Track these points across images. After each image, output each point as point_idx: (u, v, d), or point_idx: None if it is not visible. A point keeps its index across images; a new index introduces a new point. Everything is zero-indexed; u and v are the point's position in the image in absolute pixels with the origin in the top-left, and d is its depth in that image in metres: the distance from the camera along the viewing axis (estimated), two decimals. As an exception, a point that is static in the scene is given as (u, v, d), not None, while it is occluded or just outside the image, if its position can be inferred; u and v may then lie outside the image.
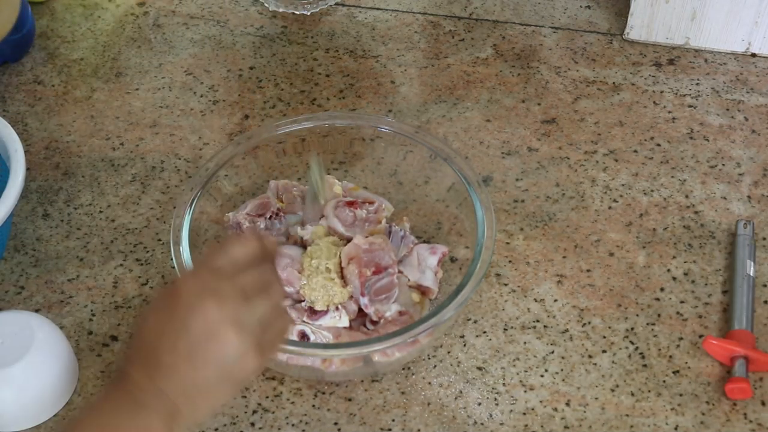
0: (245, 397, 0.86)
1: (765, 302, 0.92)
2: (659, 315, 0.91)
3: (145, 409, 0.67)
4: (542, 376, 0.87)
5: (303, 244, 0.90)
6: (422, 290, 0.90)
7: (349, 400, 0.86)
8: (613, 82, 1.13)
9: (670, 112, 1.09)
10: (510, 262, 0.95)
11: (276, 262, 0.76)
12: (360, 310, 0.86)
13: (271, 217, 0.91)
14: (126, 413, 0.68)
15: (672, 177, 1.03)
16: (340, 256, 0.87)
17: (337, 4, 1.23)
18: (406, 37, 1.19)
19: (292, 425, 0.84)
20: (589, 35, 1.19)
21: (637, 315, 0.91)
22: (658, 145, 1.06)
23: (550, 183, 1.02)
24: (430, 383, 0.87)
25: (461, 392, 0.86)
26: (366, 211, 0.92)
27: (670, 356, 0.88)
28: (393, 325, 0.85)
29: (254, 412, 0.85)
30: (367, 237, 0.89)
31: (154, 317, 0.70)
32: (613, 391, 0.86)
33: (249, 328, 0.69)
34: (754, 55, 1.15)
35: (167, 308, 0.70)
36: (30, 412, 0.84)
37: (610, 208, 1.00)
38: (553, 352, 0.89)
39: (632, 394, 0.86)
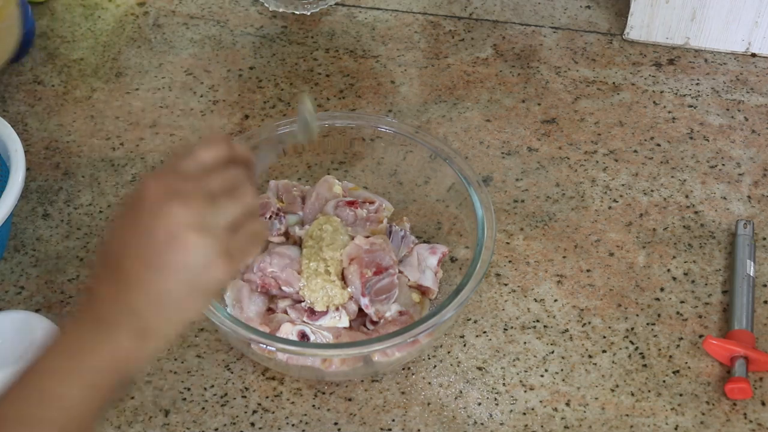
0: (245, 397, 0.86)
1: (765, 302, 0.92)
2: (659, 315, 0.91)
3: (112, 326, 0.64)
4: (542, 376, 0.87)
5: (303, 245, 0.90)
6: (422, 290, 0.90)
7: (349, 400, 0.86)
8: (613, 82, 1.13)
9: (670, 112, 1.09)
10: (510, 262, 0.95)
11: (250, 170, 0.70)
12: (360, 310, 0.86)
13: (271, 217, 0.91)
14: (92, 333, 0.64)
15: (672, 177, 1.03)
16: (340, 256, 0.87)
17: (337, 4, 1.23)
18: (406, 37, 1.19)
19: (292, 425, 0.84)
20: (589, 35, 1.19)
21: (637, 315, 0.91)
22: (658, 145, 1.06)
23: (550, 183, 1.02)
24: (430, 383, 0.87)
25: (461, 392, 0.86)
26: (366, 211, 0.92)
27: (670, 356, 0.88)
28: (393, 325, 0.85)
29: (254, 412, 0.85)
30: (367, 237, 0.89)
31: (118, 226, 0.66)
32: (613, 391, 0.86)
33: (215, 232, 0.65)
34: (754, 55, 1.15)
35: (131, 215, 0.66)
36: (30, 412, 0.84)
37: (610, 208, 1.00)
38: (553, 352, 0.89)
39: (632, 394, 0.86)
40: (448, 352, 0.89)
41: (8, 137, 0.92)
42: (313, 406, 0.85)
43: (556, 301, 0.92)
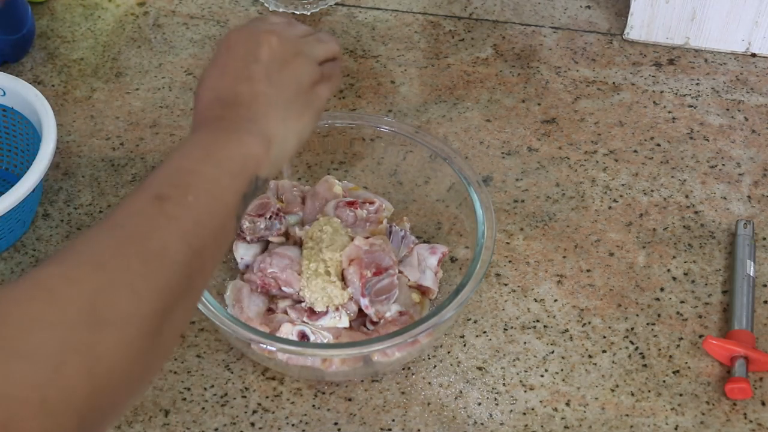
0: (245, 397, 0.86)
1: (765, 302, 0.92)
2: (659, 315, 0.91)
3: (236, 132, 0.67)
4: (542, 376, 0.87)
5: (303, 246, 0.90)
6: (422, 290, 0.90)
7: (349, 400, 0.86)
8: (613, 82, 1.13)
9: (670, 112, 1.09)
10: (510, 262, 0.95)
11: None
12: (360, 310, 0.86)
13: (271, 217, 0.91)
14: (221, 136, 0.67)
15: (672, 177, 1.03)
16: (340, 257, 0.87)
17: (337, 4, 1.23)
18: (406, 37, 1.19)
19: (292, 425, 0.84)
20: (589, 35, 1.19)
21: (637, 315, 0.91)
22: (658, 145, 1.06)
23: (550, 183, 1.02)
24: (430, 383, 0.87)
25: (461, 392, 0.86)
26: (366, 211, 0.92)
27: (670, 356, 0.88)
28: (393, 325, 0.85)
29: (254, 412, 0.85)
30: (367, 237, 0.89)
31: (215, 67, 0.71)
32: (613, 391, 0.86)
33: (313, 58, 0.73)
34: (754, 55, 1.15)
35: (227, 53, 0.71)
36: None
37: (610, 208, 1.00)
38: (553, 352, 0.89)
39: (632, 394, 0.86)
40: (448, 352, 0.89)
41: (40, 105, 0.97)
42: (313, 406, 0.85)
43: (556, 301, 0.92)
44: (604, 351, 0.89)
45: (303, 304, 0.87)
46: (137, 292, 0.55)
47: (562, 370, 0.87)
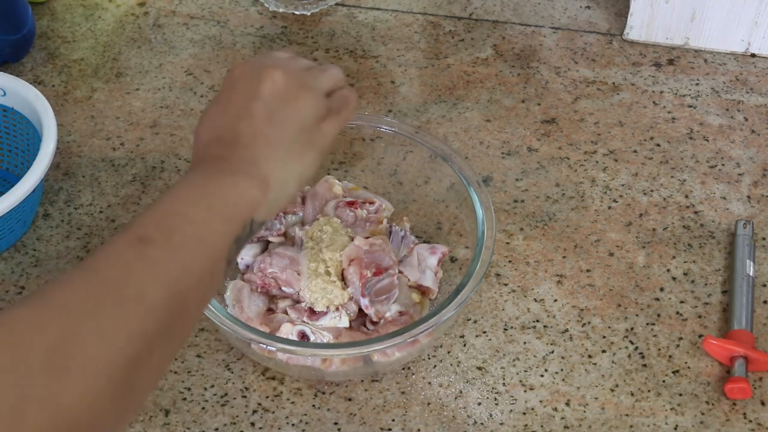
0: (245, 397, 0.86)
1: (764, 302, 0.92)
2: (659, 315, 0.91)
3: (233, 175, 0.65)
4: (542, 376, 0.87)
5: (303, 246, 0.90)
6: (422, 290, 0.90)
7: (349, 400, 0.86)
8: (613, 83, 1.13)
9: (669, 112, 1.09)
10: (510, 262, 0.95)
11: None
12: (360, 310, 0.87)
13: (271, 217, 0.91)
14: (216, 178, 0.64)
15: (672, 177, 1.03)
16: (340, 257, 0.87)
17: (337, 4, 1.23)
18: (406, 37, 1.19)
19: (292, 425, 0.84)
20: (589, 35, 1.19)
21: (637, 315, 0.91)
22: (658, 145, 1.06)
23: (550, 183, 1.02)
24: (430, 383, 0.87)
25: (461, 392, 0.86)
26: (366, 211, 0.92)
27: (670, 356, 0.88)
28: (393, 325, 0.85)
29: (254, 411, 0.85)
30: (367, 237, 0.89)
31: (217, 104, 0.69)
32: (612, 390, 0.86)
33: (319, 92, 0.71)
34: (753, 55, 1.15)
35: (229, 89, 0.69)
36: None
37: (609, 208, 1.00)
38: (552, 352, 0.89)
39: (632, 394, 0.86)
40: (448, 352, 0.89)
41: (40, 105, 0.97)
42: (313, 405, 0.85)
43: (555, 301, 0.92)
44: (603, 351, 0.89)
45: (303, 304, 0.87)
46: (107, 339, 0.52)
47: (561, 370, 0.87)
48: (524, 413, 0.85)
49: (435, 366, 0.88)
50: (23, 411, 0.47)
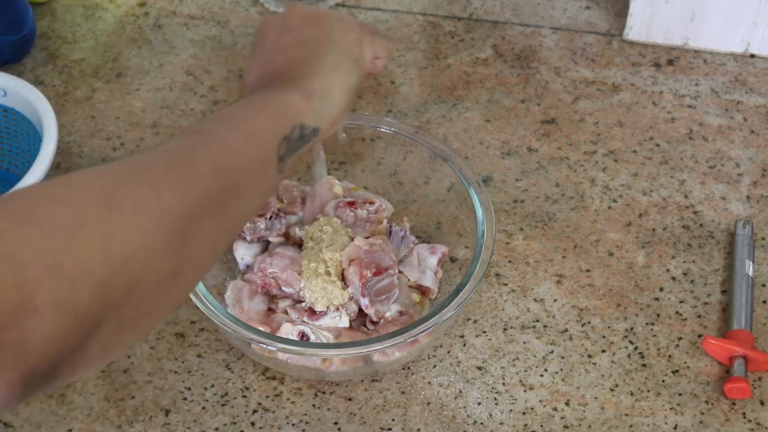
0: (245, 396, 0.86)
1: (764, 302, 0.92)
2: (658, 315, 0.91)
3: (277, 90, 0.70)
4: (542, 375, 0.87)
5: (303, 246, 0.90)
6: (422, 290, 0.90)
7: (349, 399, 0.86)
8: (613, 83, 1.13)
9: (669, 112, 1.10)
10: (510, 262, 0.95)
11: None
12: (360, 310, 0.87)
13: (271, 217, 0.92)
14: (261, 95, 0.70)
15: (671, 177, 1.03)
16: (340, 257, 0.87)
17: (337, 4, 1.23)
18: (406, 37, 1.19)
19: (293, 425, 0.84)
20: (589, 36, 1.19)
21: (637, 315, 0.91)
22: (658, 145, 1.06)
23: (550, 183, 1.02)
24: (430, 383, 0.87)
25: (461, 392, 0.86)
26: (366, 211, 0.92)
27: (670, 356, 0.88)
28: (393, 325, 0.85)
29: (254, 411, 0.85)
30: (367, 237, 0.89)
31: (254, 56, 0.77)
32: (612, 390, 0.86)
33: (344, 18, 0.78)
34: (753, 55, 1.15)
35: (261, 38, 0.77)
36: (31, 412, 0.84)
37: (609, 208, 1.00)
38: (552, 352, 0.89)
39: (631, 394, 0.86)
40: (448, 352, 0.89)
41: (41, 105, 0.98)
42: (314, 405, 0.86)
43: (555, 300, 0.92)
44: (603, 351, 0.89)
45: (303, 304, 0.87)
46: (158, 190, 0.54)
47: (561, 369, 0.88)
48: (524, 413, 0.85)
49: (435, 366, 0.88)
50: (76, 235, 0.49)
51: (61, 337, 0.47)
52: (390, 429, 0.84)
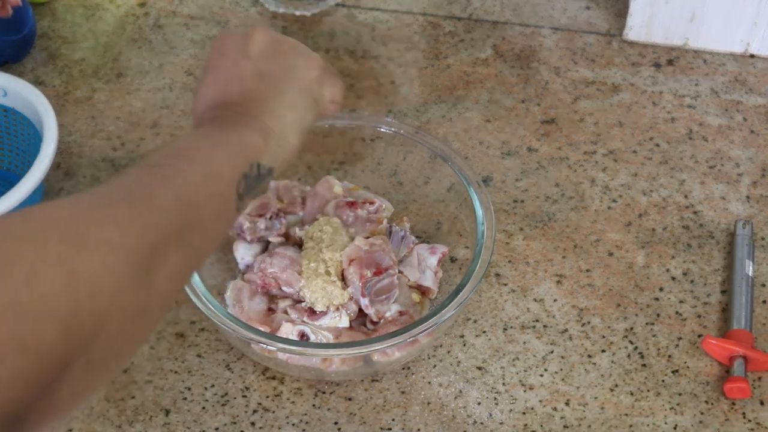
0: (245, 396, 0.86)
1: (764, 302, 0.92)
2: (658, 315, 0.91)
3: (236, 126, 0.68)
4: (542, 375, 0.87)
5: (303, 246, 0.90)
6: (422, 290, 0.90)
7: (349, 399, 0.86)
8: (613, 83, 1.13)
9: (669, 112, 1.10)
10: (510, 262, 0.95)
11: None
12: (360, 310, 0.87)
13: (271, 217, 0.92)
14: (218, 130, 0.68)
15: (671, 177, 1.03)
16: (340, 257, 0.87)
17: (337, 5, 1.23)
18: (406, 37, 1.19)
19: (293, 425, 0.84)
20: (589, 36, 1.19)
21: (637, 315, 0.91)
22: (657, 145, 1.06)
23: (550, 183, 1.02)
24: (430, 383, 0.87)
25: (461, 392, 0.86)
26: (366, 212, 0.92)
27: (669, 356, 0.88)
28: (393, 325, 0.85)
29: (254, 411, 0.85)
30: (367, 237, 0.89)
31: (207, 74, 0.73)
32: (612, 390, 0.86)
33: (306, 51, 0.75)
34: (752, 56, 1.15)
35: (217, 56, 0.73)
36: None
37: (609, 208, 1.00)
38: (552, 352, 0.89)
39: (631, 394, 0.86)
40: (448, 352, 0.89)
41: (41, 105, 0.97)
42: (314, 405, 0.86)
43: (555, 300, 0.93)
44: (603, 351, 0.89)
45: (303, 304, 0.87)
46: (121, 224, 0.53)
47: (561, 369, 0.88)
48: (524, 413, 0.85)
49: (435, 366, 0.88)
50: (39, 275, 0.46)
51: (24, 380, 0.44)
52: (390, 429, 0.84)
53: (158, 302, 0.55)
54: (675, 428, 0.84)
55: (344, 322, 0.86)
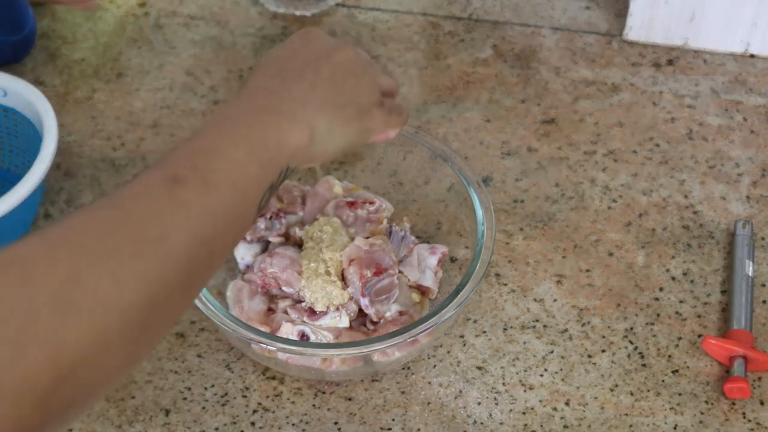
0: (245, 396, 0.86)
1: (764, 302, 0.92)
2: (658, 315, 0.91)
3: (282, 113, 0.66)
4: (542, 375, 0.87)
5: (303, 246, 0.90)
6: (422, 290, 0.90)
7: (349, 399, 0.86)
8: (613, 83, 1.13)
9: (669, 112, 1.10)
10: (510, 262, 0.95)
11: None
12: (360, 310, 0.87)
13: (271, 217, 0.92)
14: (263, 116, 0.65)
15: (671, 177, 1.03)
16: (340, 257, 0.87)
17: (337, 5, 1.23)
18: (406, 37, 1.19)
19: (293, 425, 0.84)
20: (589, 36, 1.19)
21: (637, 315, 0.91)
22: (657, 145, 1.06)
23: (550, 183, 1.02)
24: (430, 383, 0.87)
25: (461, 392, 0.86)
26: (366, 212, 0.92)
27: (669, 356, 0.88)
28: (393, 325, 0.85)
29: (254, 411, 0.85)
30: (367, 237, 0.89)
31: (287, 48, 0.73)
32: (612, 390, 0.86)
33: (377, 83, 0.74)
34: (752, 56, 1.15)
35: (303, 41, 0.73)
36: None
37: (609, 208, 1.00)
38: (552, 352, 0.89)
39: (631, 394, 0.86)
40: (448, 352, 0.89)
41: (41, 105, 0.97)
42: (314, 405, 0.86)
43: (555, 301, 0.93)
44: (603, 351, 0.89)
45: (303, 304, 0.87)
46: (121, 281, 0.50)
47: (561, 369, 0.88)
48: (524, 413, 0.85)
49: (435, 366, 0.88)
50: (24, 350, 0.45)
51: None
52: (390, 429, 0.84)
53: (147, 346, 0.54)
54: (675, 428, 0.84)
55: (344, 322, 0.86)
